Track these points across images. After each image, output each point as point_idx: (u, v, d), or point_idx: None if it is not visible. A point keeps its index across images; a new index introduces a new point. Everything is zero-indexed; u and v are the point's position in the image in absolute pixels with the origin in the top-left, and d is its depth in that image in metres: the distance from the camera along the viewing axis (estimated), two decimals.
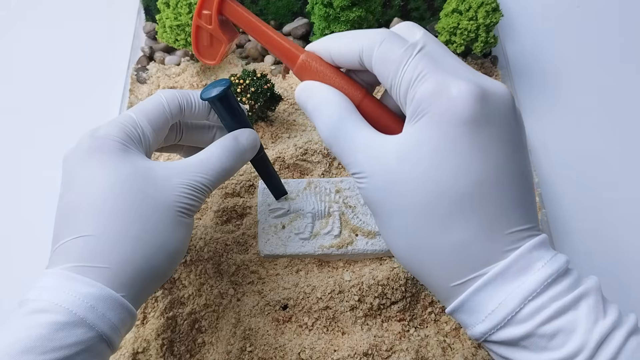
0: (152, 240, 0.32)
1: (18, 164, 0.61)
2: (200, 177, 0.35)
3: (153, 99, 0.37)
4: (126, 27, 0.69)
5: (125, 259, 0.31)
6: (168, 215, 0.33)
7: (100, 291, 0.30)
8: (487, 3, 0.59)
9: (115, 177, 0.32)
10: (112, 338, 0.30)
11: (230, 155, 0.37)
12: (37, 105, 0.66)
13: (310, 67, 0.31)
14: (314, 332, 0.47)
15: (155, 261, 0.32)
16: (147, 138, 0.36)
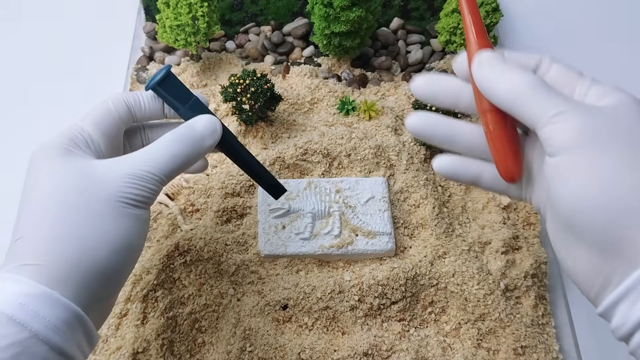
0: (90, 235, 0.31)
1: (18, 165, 0.61)
2: (146, 166, 0.33)
3: (100, 104, 0.37)
4: (126, 27, 0.69)
5: (59, 254, 0.30)
6: (108, 207, 0.32)
7: (30, 288, 0.28)
8: (487, 3, 0.59)
9: (52, 177, 0.33)
10: (54, 340, 0.28)
11: (182, 141, 0.35)
12: (37, 105, 0.66)
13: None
14: (314, 332, 0.47)
15: (96, 255, 0.31)
16: (97, 143, 0.36)
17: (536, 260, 0.51)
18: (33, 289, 0.28)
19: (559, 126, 0.28)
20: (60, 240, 0.30)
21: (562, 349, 0.49)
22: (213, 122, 0.37)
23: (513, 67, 0.30)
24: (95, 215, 0.32)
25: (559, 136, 0.28)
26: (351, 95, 0.62)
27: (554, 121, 0.28)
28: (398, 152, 0.55)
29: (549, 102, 0.28)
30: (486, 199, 0.55)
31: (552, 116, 0.28)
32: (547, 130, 0.28)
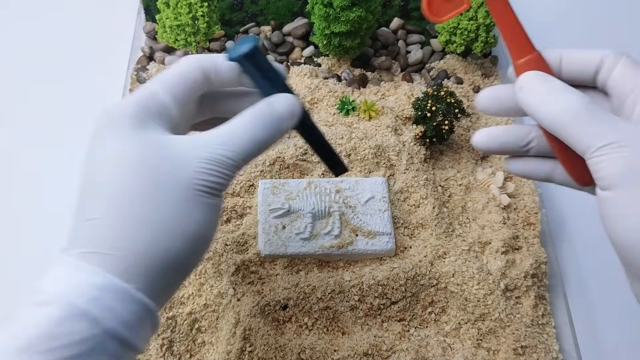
0: (166, 224, 0.29)
1: (19, 164, 0.61)
2: (224, 150, 0.30)
3: (173, 67, 0.33)
4: (126, 27, 0.69)
5: (134, 244, 0.28)
6: (185, 194, 0.29)
7: (104, 280, 0.26)
8: None
9: (125, 155, 0.29)
10: (126, 336, 0.27)
11: (262, 123, 0.32)
12: (37, 105, 0.66)
13: (538, 65, 0.31)
14: (314, 332, 0.47)
15: (172, 247, 0.29)
16: (170, 111, 0.32)
17: (536, 260, 0.51)
18: (107, 281, 0.27)
19: (607, 159, 0.26)
20: (135, 228, 0.28)
21: (562, 349, 0.49)
22: (293, 103, 0.33)
23: (556, 89, 0.29)
24: (173, 203, 0.29)
25: (607, 171, 0.26)
26: (351, 95, 0.62)
27: (601, 153, 0.26)
28: (398, 152, 0.55)
29: (596, 132, 0.27)
30: (486, 199, 0.55)
31: (599, 148, 0.27)
32: (595, 162, 0.27)
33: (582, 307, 0.52)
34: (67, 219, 0.31)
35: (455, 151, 0.59)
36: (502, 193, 0.56)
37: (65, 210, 0.59)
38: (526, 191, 0.57)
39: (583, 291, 0.54)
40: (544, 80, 0.30)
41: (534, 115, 0.29)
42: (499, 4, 0.32)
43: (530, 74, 0.30)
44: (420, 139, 0.57)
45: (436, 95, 0.54)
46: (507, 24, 0.32)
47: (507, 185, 0.57)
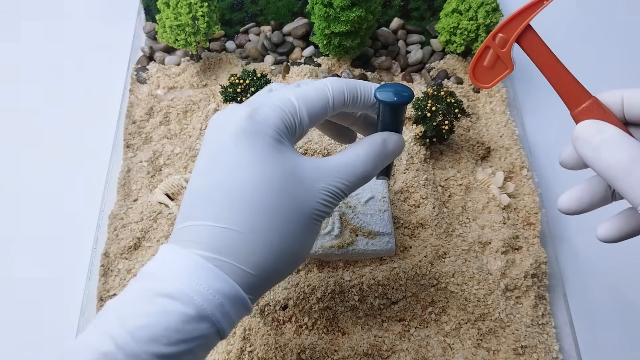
0: (287, 246, 0.30)
1: (18, 163, 0.61)
2: (342, 184, 0.32)
3: (319, 87, 0.34)
4: (126, 27, 0.69)
5: (260, 261, 0.29)
6: (306, 221, 0.31)
7: (231, 289, 0.28)
8: (487, 3, 0.59)
9: (265, 171, 0.30)
10: (227, 332, 0.29)
11: (376, 160, 0.34)
12: (37, 105, 0.66)
13: (594, 113, 0.30)
14: (314, 332, 0.47)
15: (284, 266, 0.31)
16: (302, 129, 0.33)
17: (536, 260, 0.51)
18: (233, 291, 0.29)
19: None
20: (264, 246, 0.29)
21: (562, 349, 0.49)
22: (402, 144, 0.36)
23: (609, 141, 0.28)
24: (298, 230, 0.31)
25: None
26: None
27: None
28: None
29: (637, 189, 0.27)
30: (486, 199, 0.56)
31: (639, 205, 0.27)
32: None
33: (582, 307, 0.52)
34: (68, 217, 0.31)
35: (455, 151, 0.59)
36: (502, 193, 0.56)
37: (65, 209, 0.59)
38: (526, 191, 0.57)
39: (583, 291, 0.54)
40: (598, 130, 0.29)
41: (591, 166, 0.29)
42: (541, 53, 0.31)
43: (585, 124, 0.30)
44: (420, 139, 0.57)
45: (436, 95, 0.54)
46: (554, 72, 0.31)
47: (507, 185, 0.57)
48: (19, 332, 0.51)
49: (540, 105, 0.67)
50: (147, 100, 0.62)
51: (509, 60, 0.33)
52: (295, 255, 0.31)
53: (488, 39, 0.33)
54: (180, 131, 0.60)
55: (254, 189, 0.30)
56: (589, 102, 0.30)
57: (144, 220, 0.53)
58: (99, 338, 0.26)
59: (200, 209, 0.30)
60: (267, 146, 0.31)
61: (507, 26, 0.32)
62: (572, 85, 0.31)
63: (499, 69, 0.34)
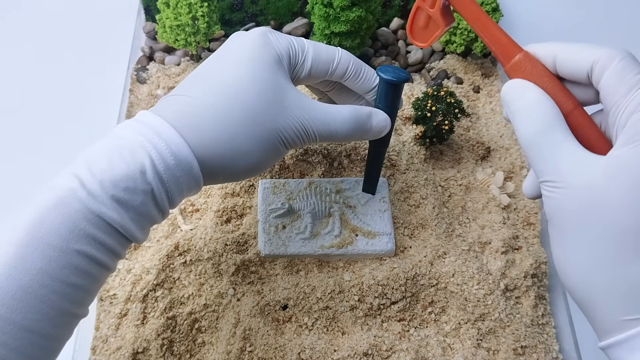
0: (245, 142, 0.33)
1: (18, 164, 0.61)
2: (317, 124, 0.36)
3: (330, 48, 0.38)
4: (126, 27, 0.69)
5: (218, 136, 0.32)
6: (270, 133, 0.34)
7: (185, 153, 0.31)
8: (487, 3, 0.59)
9: (252, 71, 0.34)
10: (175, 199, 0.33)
11: (355, 125, 0.37)
12: (37, 105, 0.66)
13: (525, 67, 0.30)
14: (314, 332, 0.47)
15: (237, 156, 0.33)
16: (301, 69, 0.37)
17: (536, 260, 0.51)
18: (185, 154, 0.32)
19: (545, 194, 0.28)
20: (231, 130, 0.33)
21: (562, 349, 0.49)
22: (385, 125, 0.39)
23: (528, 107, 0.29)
24: (257, 132, 0.34)
25: (545, 205, 0.29)
26: None
27: (543, 187, 0.28)
28: (398, 152, 0.55)
29: (541, 166, 0.28)
30: (486, 199, 0.56)
31: (542, 182, 0.28)
32: (542, 192, 0.29)
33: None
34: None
35: (455, 151, 0.59)
36: (502, 193, 0.56)
37: None
38: None
39: None
40: (520, 93, 0.30)
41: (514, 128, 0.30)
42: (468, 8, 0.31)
43: (509, 85, 0.30)
44: (420, 139, 0.57)
45: (436, 95, 0.54)
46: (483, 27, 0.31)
47: (507, 185, 0.57)
48: None
49: None
50: (147, 100, 0.62)
51: (440, 19, 0.34)
52: (249, 154, 0.34)
53: (418, 1, 0.34)
54: None
55: (238, 81, 0.34)
56: (519, 55, 0.30)
57: None
58: (68, 177, 0.29)
59: (188, 84, 0.35)
60: (266, 57, 0.35)
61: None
62: (502, 39, 0.31)
63: (432, 28, 0.35)
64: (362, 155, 0.54)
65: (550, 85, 0.29)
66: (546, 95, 0.29)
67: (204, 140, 0.32)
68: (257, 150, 0.34)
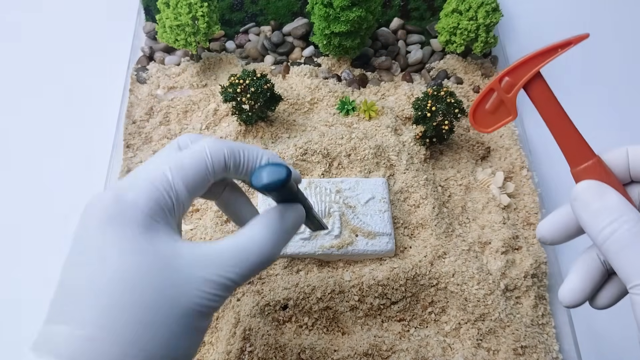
0: (158, 350, 0.26)
1: (17, 164, 0.61)
2: (231, 272, 0.28)
3: (195, 154, 0.30)
4: (126, 27, 0.69)
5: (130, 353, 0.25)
6: (183, 321, 0.27)
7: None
8: (487, 3, 0.59)
9: (130, 264, 0.26)
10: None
11: (275, 240, 0.30)
12: (37, 104, 0.66)
13: (598, 173, 0.28)
14: (314, 332, 0.47)
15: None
16: (181, 205, 0.29)
17: (536, 260, 0.51)
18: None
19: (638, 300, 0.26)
20: (126, 352, 0.25)
21: (562, 349, 0.49)
22: (302, 214, 0.32)
23: (608, 209, 0.27)
24: (168, 330, 0.27)
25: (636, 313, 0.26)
26: (351, 95, 0.62)
27: (635, 293, 0.26)
28: (398, 152, 0.55)
29: (634, 270, 0.26)
30: (486, 199, 0.56)
31: (634, 286, 0.26)
32: (631, 298, 0.26)
33: (582, 307, 0.52)
34: (69, 218, 0.29)
35: (455, 151, 0.59)
36: (502, 193, 0.56)
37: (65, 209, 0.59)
38: (526, 191, 0.57)
39: None
40: (599, 194, 0.27)
41: (586, 230, 0.28)
42: (548, 104, 0.29)
43: (586, 184, 0.28)
44: (420, 139, 0.57)
45: (436, 95, 0.54)
46: (559, 126, 0.29)
47: (507, 185, 0.57)
48: (19, 332, 0.51)
49: None
50: (147, 100, 0.62)
51: (514, 107, 0.31)
52: (170, 357, 0.27)
53: (494, 82, 0.30)
54: (180, 131, 0.60)
55: (114, 283, 0.26)
56: (592, 161, 0.29)
57: None
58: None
59: (59, 306, 0.27)
60: (135, 233, 0.27)
61: (515, 70, 0.29)
62: (577, 141, 0.29)
63: (501, 114, 0.31)
64: (362, 155, 0.54)
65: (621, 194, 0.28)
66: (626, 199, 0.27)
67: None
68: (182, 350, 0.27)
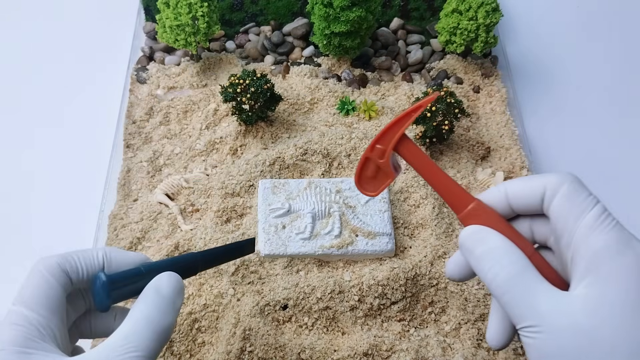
0: None
1: (17, 164, 0.61)
2: (133, 354, 0.28)
3: (33, 278, 0.30)
4: (126, 27, 0.69)
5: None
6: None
7: None
8: (487, 3, 0.59)
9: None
10: None
11: (159, 313, 0.30)
12: (38, 104, 0.66)
13: (479, 215, 0.30)
14: (314, 332, 0.47)
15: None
16: (50, 326, 0.29)
17: None
18: None
19: (526, 342, 0.27)
20: None
21: None
22: (177, 280, 0.33)
23: (489, 254, 0.28)
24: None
25: (527, 353, 0.27)
26: (351, 95, 0.62)
27: (523, 335, 0.27)
28: None
29: (518, 312, 0.27)
30: None
31: (521, 328, 0.27)
32: (522, 340, 0.27)
33: None
34: (68, 217, 0.30)
35: (455, 151, 0.59)
36: None
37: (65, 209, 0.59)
38: None
39: None
40: (481, 239, 0.29)
41: (478, 275, 0.29)
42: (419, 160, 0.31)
43: (467, 231, 0.30)
44: (420, 139, 0.57)
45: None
46: (435, 179, 0.31)
47: None
48: None
49: (540, 105, 0.67)
50: (147, 100, 0.62)
51: (389, 170, 0.33)
52: None
53: (367, 151, 0.33)
54: (180, 131, 0.60)
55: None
56: (472, 205, 0.30)
57: (144, 220, 0.53)
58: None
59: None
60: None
61: (382, 137, 0.32)
62: (454, 189, 0.31)
63: (381, 178, 0.34)
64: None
65: (506, 231, 0.29)
66: (508, 239, 0.29)
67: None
68: None
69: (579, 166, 0.63)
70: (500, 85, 0.65)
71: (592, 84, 0.69)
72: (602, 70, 0.71)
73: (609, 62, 0.72)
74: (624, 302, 0.25)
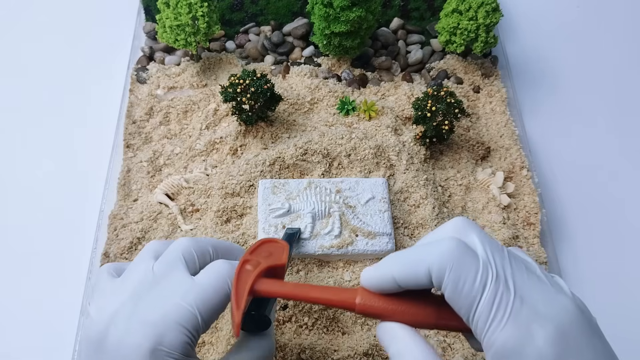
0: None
1: (18, 163, 0.61)
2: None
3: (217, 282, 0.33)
4: (126, 27, 0.69)
5: None
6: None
7: None
8: (487, 3, 0.59)
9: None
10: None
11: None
12: (38, 104, 0.66)
13: (372, 307, 0.30)
14: (314, 332, 0.47)
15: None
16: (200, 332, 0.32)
17: (536, 260, 0.51)
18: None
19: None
20: None
21: None
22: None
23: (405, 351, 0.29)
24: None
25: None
26: (351, 95, 0.62)
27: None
28: (398, 152, 0.55)
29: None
30: (486, 199, 0.55)
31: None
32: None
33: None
34: (68, 217, 0.29)
35: (455, 151, 0.59)
36: (502, 193, 0.56)
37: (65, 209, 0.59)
38: (526, 191, 0.57)
39: (583, 291, 0.54)
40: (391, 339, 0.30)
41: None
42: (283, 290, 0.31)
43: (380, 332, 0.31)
44: (420, 139, 0.57)
45: (436, 95, 0.54)
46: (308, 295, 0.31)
47: (507, 185, 0.57)
48: (20, 332, 0.51)
49: (540, 105, 0.67)
50: (147, 100, 0.62)
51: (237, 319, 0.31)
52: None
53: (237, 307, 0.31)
54: (180, 131, 0.60)
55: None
56: (358, 298, 0.30)
57: (144, 220, 0.53)
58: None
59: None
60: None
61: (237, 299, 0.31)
62: (332, 293, 0.31)
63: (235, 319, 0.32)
64: (362, 155, 0.54)
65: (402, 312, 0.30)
66: (416, 337, 0.29)
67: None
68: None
69: (579, 166, 0.63)
70: (500, 85, 0.65)
71: (592, 84, 0.69)
72: (602, 70, 0.71)
73: (609, 61, 0.72)
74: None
